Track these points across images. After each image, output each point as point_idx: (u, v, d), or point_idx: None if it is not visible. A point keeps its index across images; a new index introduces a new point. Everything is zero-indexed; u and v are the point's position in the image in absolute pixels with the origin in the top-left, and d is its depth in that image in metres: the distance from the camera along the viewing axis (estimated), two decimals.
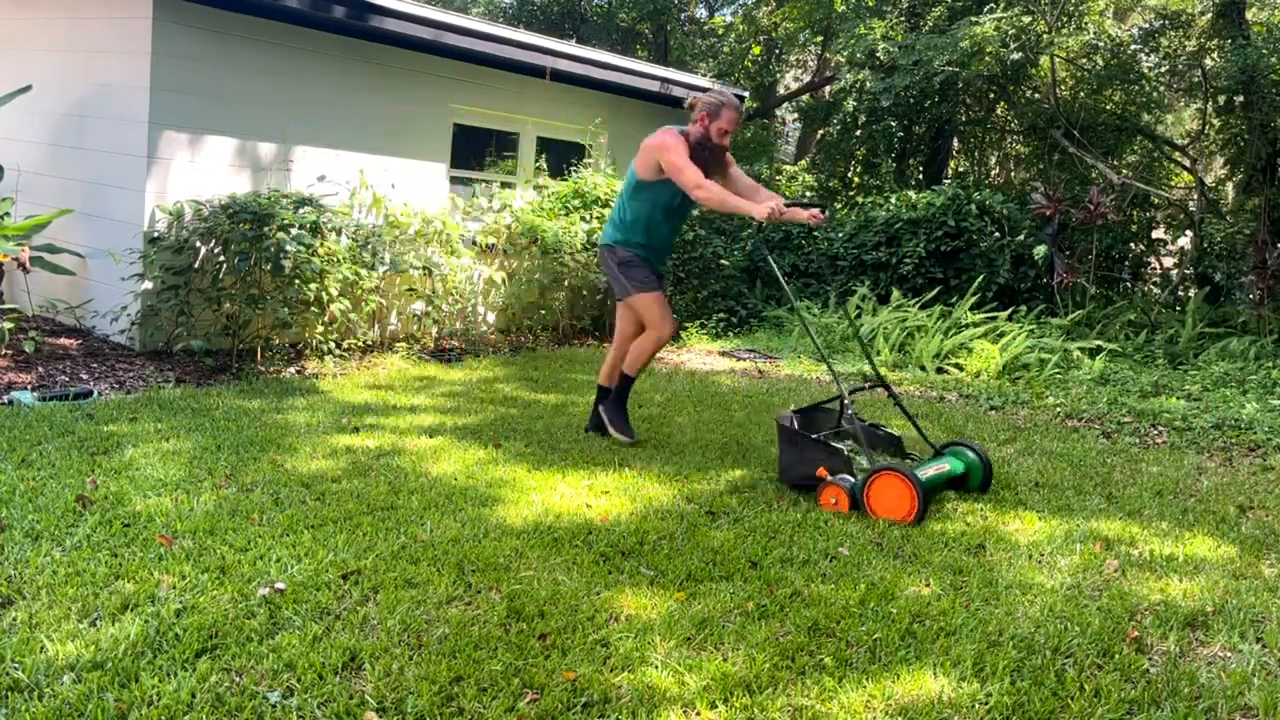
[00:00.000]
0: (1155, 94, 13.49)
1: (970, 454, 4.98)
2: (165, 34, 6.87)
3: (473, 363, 7.93)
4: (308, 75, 7.72)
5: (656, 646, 3.05)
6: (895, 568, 3.84)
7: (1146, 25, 14.10)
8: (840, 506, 4.50)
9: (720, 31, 18.50)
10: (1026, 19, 11.75)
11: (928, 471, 4.63)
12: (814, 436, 4.82)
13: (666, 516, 4.29)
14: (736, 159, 16.19)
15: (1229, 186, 14.74)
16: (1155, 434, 6.66)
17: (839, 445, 4.74)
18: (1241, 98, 11.11)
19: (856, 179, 16.03)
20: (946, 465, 4.82)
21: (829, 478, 4.59)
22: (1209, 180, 14.50)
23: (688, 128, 5.27)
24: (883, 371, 8.62)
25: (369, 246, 7.65)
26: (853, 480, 4.54)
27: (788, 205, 4.97)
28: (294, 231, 6.77)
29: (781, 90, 18.91)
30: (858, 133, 14.80)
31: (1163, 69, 13.71)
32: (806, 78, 18.88)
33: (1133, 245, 12.80)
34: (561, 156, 9.96)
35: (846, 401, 4.92)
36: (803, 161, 17.06)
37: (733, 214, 5.24)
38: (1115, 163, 13.16)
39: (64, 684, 2.64)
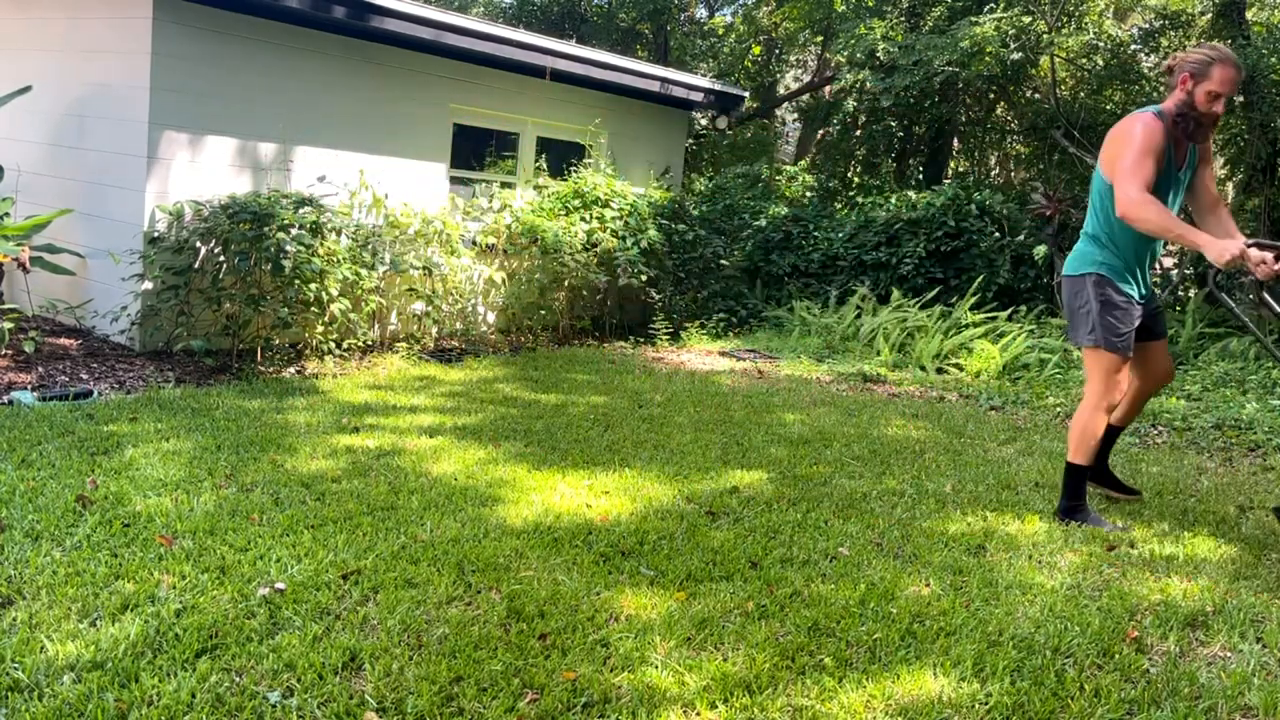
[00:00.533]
0: (1155, 94, 13.49)
1: None
2: (165, 34, 6.87)
3: (473, 363, 7.93)
4: (308, 75, 7.72)
5: (656, 646, 3.05)
6: (895, 568, 3.84)
7: (1146, 25, 14.09)
8: None
9: (720, 32, 18.50)
10: (1026, 19, 11.75)
11: None
12: None
13: (666, 516, 4.29)
14: (736, 159, 16.24)
15: (1229, 186, 14.74)
16: (1155, 434, 6.67)
17: None
18: (1241, 98, 11.11)
19: (856, 179, 16.03)
20: None
21: None
22: None
23: (1165, 103, 4.18)
24: (882, 372, 8.62)
25: (369, 246, 7.65)
26: None
27: (1249, 245, 3.85)
28: (294, 231, 6.78)
29: (781, 90, 18.91)
30: (858, 133, 14.81)
31: (1163, 69, 13.69)
32: (806, 78, 18.88)
33: None
34: (561, 156, 9.96)
35: None
36: (803, 161, 17.07)
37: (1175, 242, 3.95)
38: None
39: (64, 684, 2.64)
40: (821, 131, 16.90)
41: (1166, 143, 4.12)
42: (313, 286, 6.92)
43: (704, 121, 14.58)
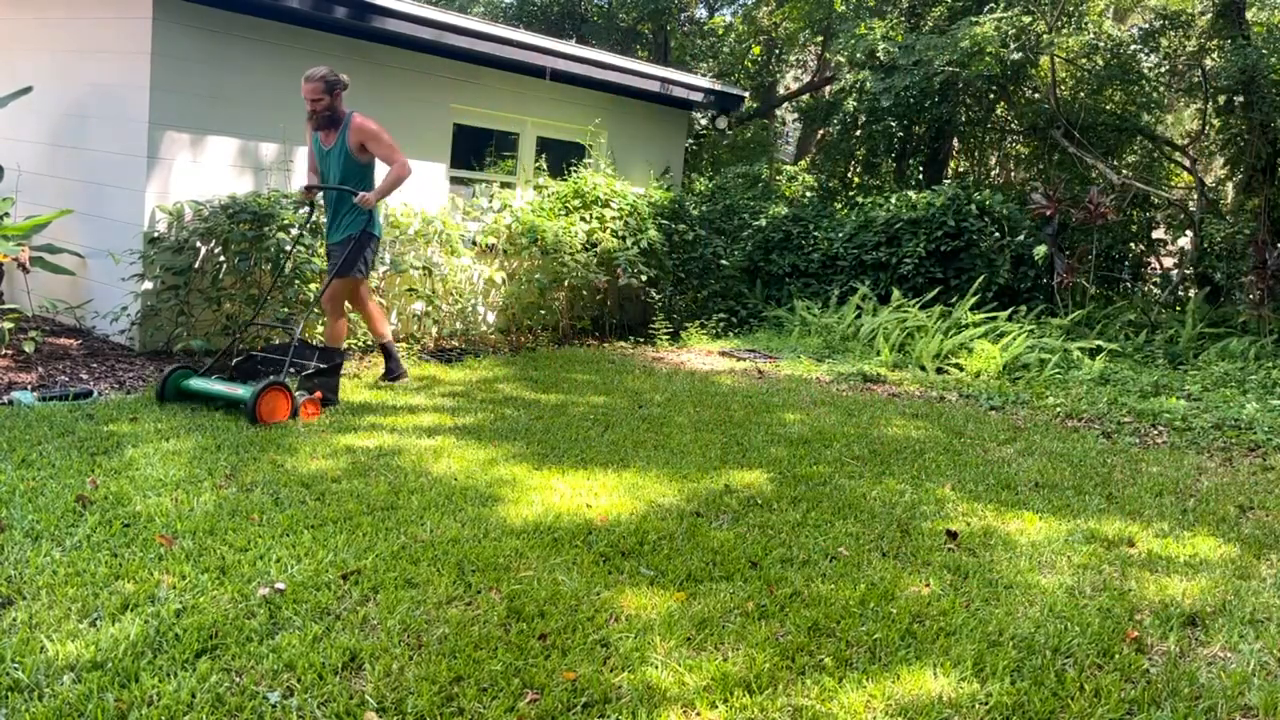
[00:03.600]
0: (1155, 94, 13.49)
1: None
2: (165, 34, 6.87)
3: (473, 363, 7.93)
4: None
5: (656, 646, 3.05)
6: (895, 568, 3.84)
7: (1146, 25, 14.09)
8: None
9: (720, 32, 18.49)
10: (1026, 19, 11.75)
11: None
12: None
13: (666, 516, 4.29)
14: (736, 159, 16.26)
15: (1229, 186, 14.74)
16: (1155, 434, 6.66)
17: None
18: (1241, 98, 11.11)
19: (856, 179, 16.02)
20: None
21: None
22: (1209, 180, 14.49)
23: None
24: (882, 372, 8.62)
25: None
26: None
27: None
28: (294, 232, 6.78)
29: (781, 90, 18.91)
30: (858, 133, 14.81)
31: (1163, 69, 13.70)
32: (806, 78, 18.88)
33: (1133, 245, 12.80)
34: (561, 156, 9.96)
35: None
36: (803, 161, 17.06)
37: None
38: (1115, 163, 13.16)
39: (64, 684, 2.64)
40: (821, 131, 16.90)
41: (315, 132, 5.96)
42: (313, 286, 6.92)
43: (704, 121, 14.58)
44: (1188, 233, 12.34)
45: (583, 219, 9.31)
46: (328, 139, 5.95)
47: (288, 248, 6.82)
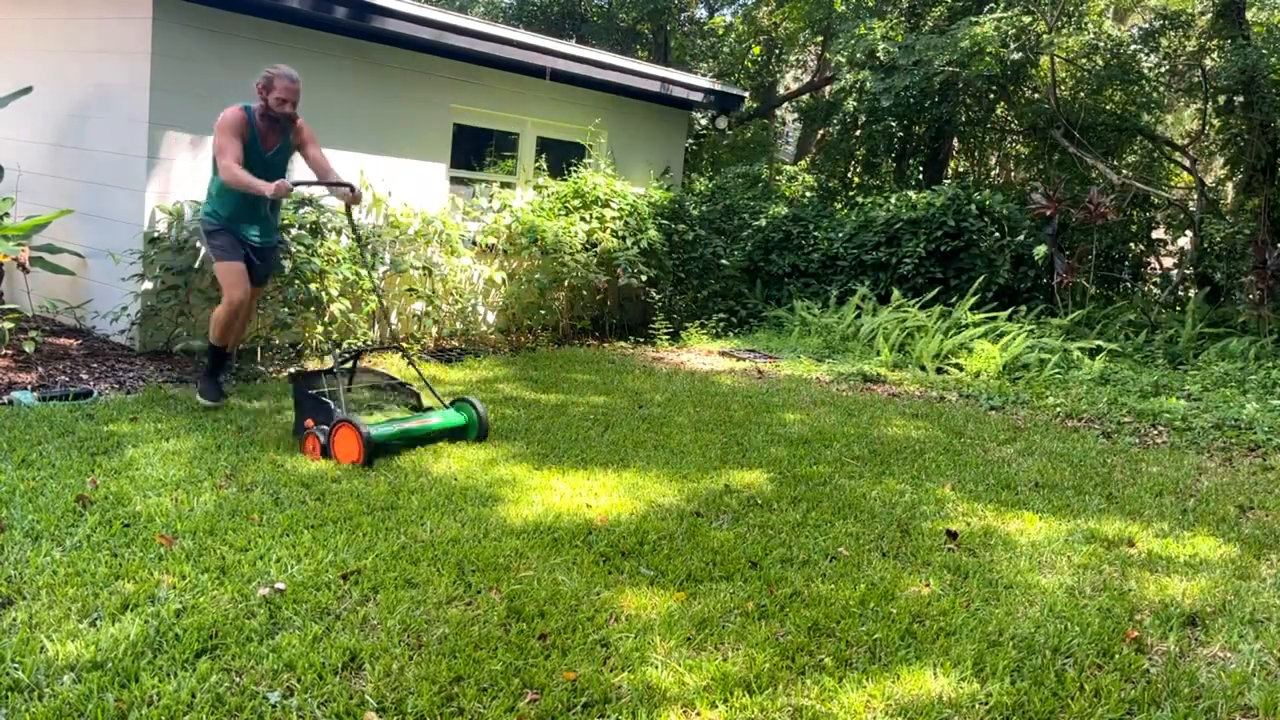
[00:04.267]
0: (1155, 94, 13.49)
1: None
2: (165, 34, 6.87)
3: (473, 363, 7.92)
4: (308, 75, 7.66)
5: (656, 646, 3.05)
6: (895, 568, 3.84)
7: (1146, 25, 14.09)
8: None
9: (720, 32, 18.50)
10: (1026, 19, 11.75)
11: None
12: None
13: (666, 516, 4.29)
14: (736, 159, 16.25)
15: (1229, 186, 14.74)
16: (1155, 434, 6.67)
17: None
18: (1241, 98, 11.11)
19: (856, 179, 16.02)
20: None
21: None
22: (1209, 180, 14.49)
23: (255, 104, 5.53)
24: (882, 372, 8.62)
25: (369, 247, 7.65)
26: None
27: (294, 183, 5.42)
28: (294, 232, 6.77)
29: (781, 90, 18.91)
30: (858, 133, 14.81)
31: (1163, 69, 13.70)
32: (806, 78, 18.88)
33: (1133, 245, 12.80)
34: (561, 156, 9.95)
35: None
36: (803, 161, 17.06)
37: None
38: (1115, 163, 13.16)
39: (64, 684, 2.64)
40: (821, 131, 16.90)
41: (251, 131, 5.45)
42: (312, 286, 6.92)
43: (704, 121, 14.58)
44: (1188, 233, 12.34)
45: (583, 219, 9.31)
46: (275, 141, 5.58)
47: (289, 248, 6.81)
